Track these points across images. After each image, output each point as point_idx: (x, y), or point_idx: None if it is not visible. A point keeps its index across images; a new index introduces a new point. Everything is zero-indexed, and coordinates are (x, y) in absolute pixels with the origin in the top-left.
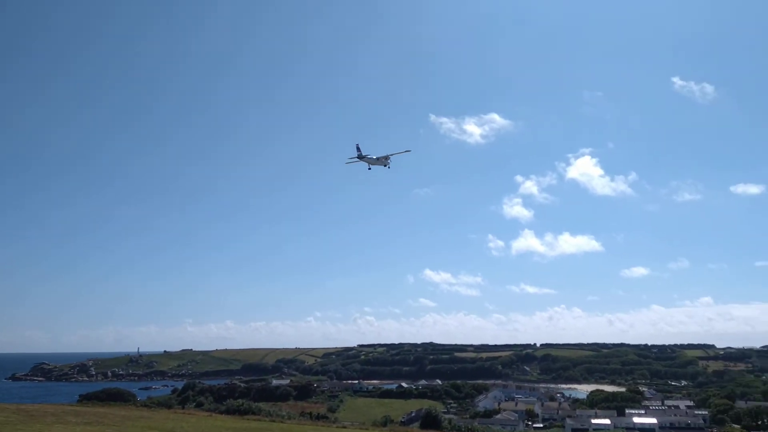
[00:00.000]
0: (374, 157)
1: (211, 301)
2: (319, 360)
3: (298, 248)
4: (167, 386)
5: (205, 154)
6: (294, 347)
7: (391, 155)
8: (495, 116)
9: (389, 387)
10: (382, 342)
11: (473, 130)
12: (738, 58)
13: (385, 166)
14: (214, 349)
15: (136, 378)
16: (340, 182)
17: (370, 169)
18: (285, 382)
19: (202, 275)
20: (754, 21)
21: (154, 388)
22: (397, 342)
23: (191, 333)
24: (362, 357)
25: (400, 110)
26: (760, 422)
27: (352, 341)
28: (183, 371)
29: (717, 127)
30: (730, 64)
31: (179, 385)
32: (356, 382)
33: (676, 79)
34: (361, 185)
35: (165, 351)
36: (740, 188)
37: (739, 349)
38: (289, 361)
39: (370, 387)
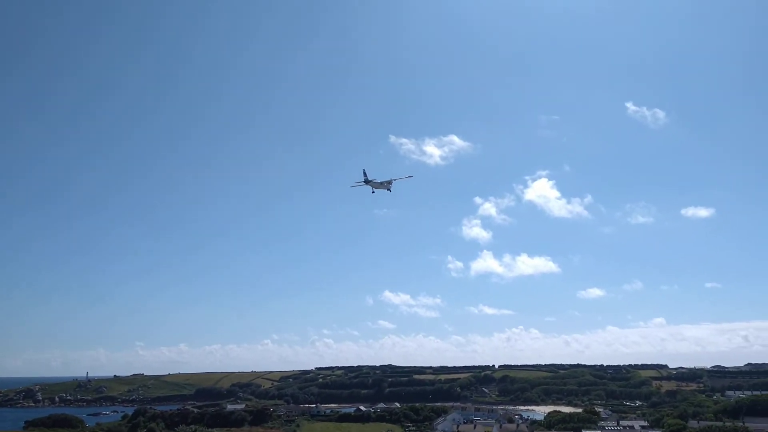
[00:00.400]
0: (378, 181)
1: (164, 323)
2: (275, 384)
3: (255, 269)
4: (117, 412)
5: (147, 170)
6: (250, 371)
7: (394, 180)
8: (454, 138)
9: (347, 410)
10: (341, 365)
11: (433, 151)
12: (688, 85)
13: (388, 189)
14: (167, 373)
15: (84, 403)
16: (299, 203)
17: (374, 192)
18: (240, 406)
19: (152, 296)
20: (704, 49)
21: (104, 414)
22: (355, 364)
23: (142, 357)
24: (320, 380)
25: (360, 130)
26: None
27: (310, 364)
28: (134, 396)
29: (668, 152)
30: (680, 90)
31: (129, 410)
32: (314, 405)
33: (629, 105)
34: (321, 206)
35: (115, 375)
36: (691, 211)
37: (690, 369)
38: (244, 385)
39: (328, 411)
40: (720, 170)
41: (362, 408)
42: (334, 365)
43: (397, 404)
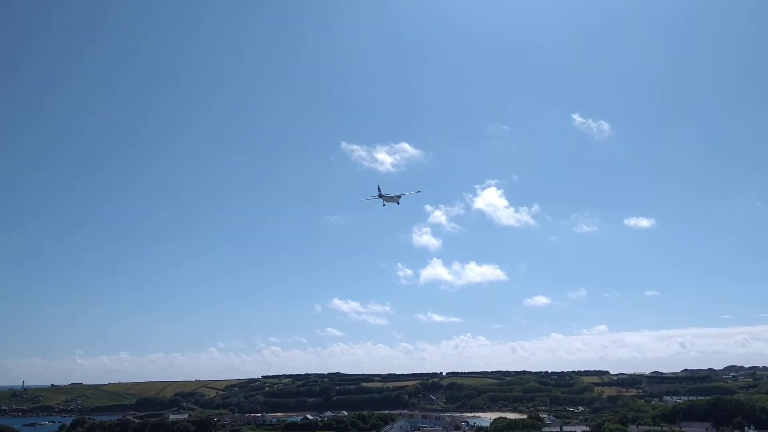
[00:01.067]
0: (390, 195)
1: (104, 331)
2: (220, 393)
3: (200, 275)
4: (54, 422)
5: (90, 174)
6: (194, 380)
7: (404, 194)
8: (406, 145)
9: (294, 419)
10: (288, 373)
11: (384, 158)
12: (632, 98)
13: (396, 203)
14: (107, 382)
15: (20, 414)
16: (247, 207)
17: (384, 205)
18: (183, 416)
19: (92, 304)
20: (648, 63)
21: (41, 425)
22: (303, 372)
23: (81, 366)
24: (266, 389)
25: (311, 136)
26: None
27: (257, 372)
28: (72, 406)
29: (612, 163)
30: (625, 103)
31: (67, 421)
32: (259, 415)
33: (576, 116)
34: (270, 211)
35: (52, 385)
36: (633, 221)
37: (630, 375)
38: (188, 394)
39: (274, 420)
40: (660, 182)
41: (309, 416)
42: (281, 373)
43: (345, 412)
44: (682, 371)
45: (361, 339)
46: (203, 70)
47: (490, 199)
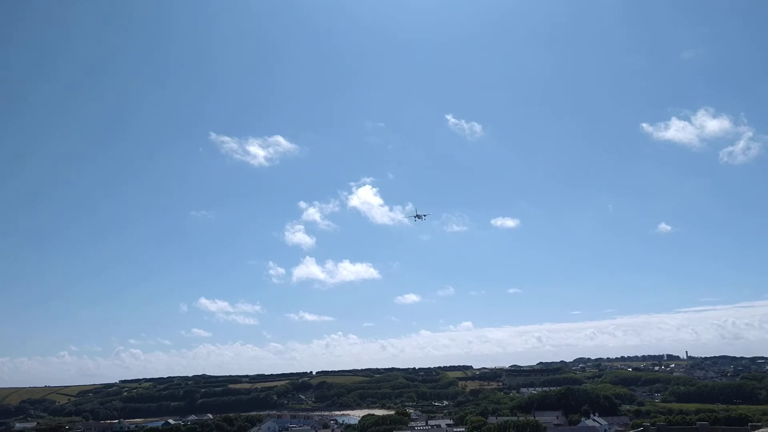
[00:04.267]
0: (423, 215)
1: None
2: (73, 399)
3: (50, 273)
4: None
5: None
6: (43, 386)
7: (429, 214)
8: (280, 139)
9: (154, 425)
10: (149, 376)
11: (257, 151)
12: (503, 101)
13: (423, 219)
14: None
15: None
16: (106, 201)
17: (416, 220)
18: (31, 425)
19: None
20: (522, 66)
21: None
22: (165, 376)
23: None
24: (125, 394)
25: (177, 126)
26: None
27: (114, 377)
28: None
29: (483, 164)
30: (495, 105)
31: None
32: (116, 421)
33: (449, 117)
34: (132, 205)
35: None
36: (499, 221)
37: (491, 369)
38: (36, 401)
39: (132, 426)
40: (526, 184)
41: (171, 421)
42: (141, 377)
43: (210, 415)
44: (537, 364)
45: (229, 339)
46: (74, 57)
47: (365, 197)
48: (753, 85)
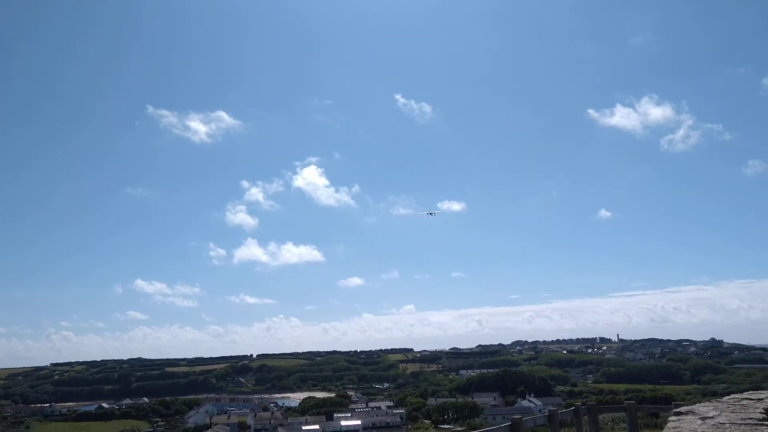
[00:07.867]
0: (434, 212)
1: None
2: (1, 382)
3: None
4: None
5: None
6: None
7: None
8: (223, 114)
9: (87, 409)
10: (82, 359)
11: (198, 127)
12: (454, 82)
13: (432, 215)
14: None
15: None
16: (33, 176)
17: (428, 216)
18: None
19: None
20: (472, 46)
21: None
22: (99, 359)
23: None
24: (56, 377)
25: (111, 98)
26: (446, 416)
27: (45, 360)
28: None
29: (431, 146)
30: (445, 87)
31: None
32: (47, 405)
33: (399, 96)
34: (61, 180)
35: None
36: (446, 205)
37: (432, 352)
38: None
39: (64, 410)
40: (472, 167)
41: (105, 405)
42: (73, 360)
43: (146, 399)
44: (477, 347)
45: (166, 322)
46: None
47: (310, 178)
48: (696, 73)
